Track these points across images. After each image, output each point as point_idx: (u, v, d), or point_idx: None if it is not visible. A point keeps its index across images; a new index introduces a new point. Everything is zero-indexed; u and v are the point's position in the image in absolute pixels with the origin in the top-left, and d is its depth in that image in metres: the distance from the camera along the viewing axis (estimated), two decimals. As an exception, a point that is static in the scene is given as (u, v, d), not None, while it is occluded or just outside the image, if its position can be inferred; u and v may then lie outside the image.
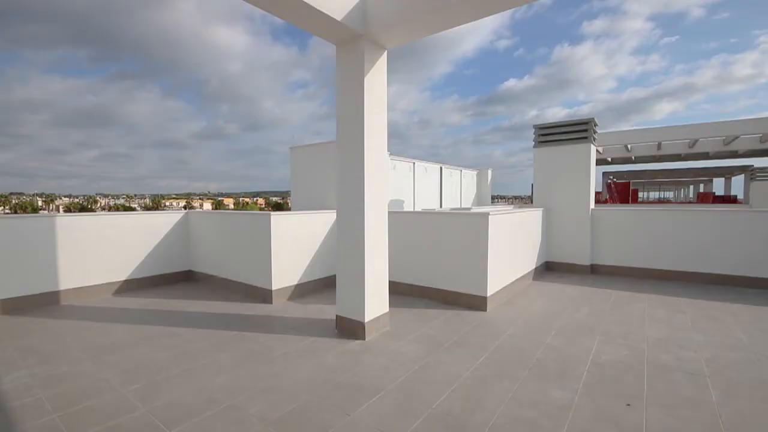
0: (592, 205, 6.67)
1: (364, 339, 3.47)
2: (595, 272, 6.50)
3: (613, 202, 18.89)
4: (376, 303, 3.62)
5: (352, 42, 3.37)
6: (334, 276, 3.86)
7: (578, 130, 6.55)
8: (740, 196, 20.26)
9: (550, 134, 6.82)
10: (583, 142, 6.51)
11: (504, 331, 3.70)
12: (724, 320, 3.97)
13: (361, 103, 3.35)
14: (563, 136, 6.68)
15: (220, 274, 5.59)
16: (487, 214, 4.32)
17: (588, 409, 2.33)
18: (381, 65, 3.52)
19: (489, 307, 4.36)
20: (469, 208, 7.02)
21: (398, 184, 7.83)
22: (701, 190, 29.24)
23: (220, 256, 5.59)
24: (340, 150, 3.58)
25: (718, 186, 27.15)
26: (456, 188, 10.14)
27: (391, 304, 4.00)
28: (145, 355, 3.19)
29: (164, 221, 5.88)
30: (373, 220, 3.51)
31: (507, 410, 2.32)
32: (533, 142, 7.04)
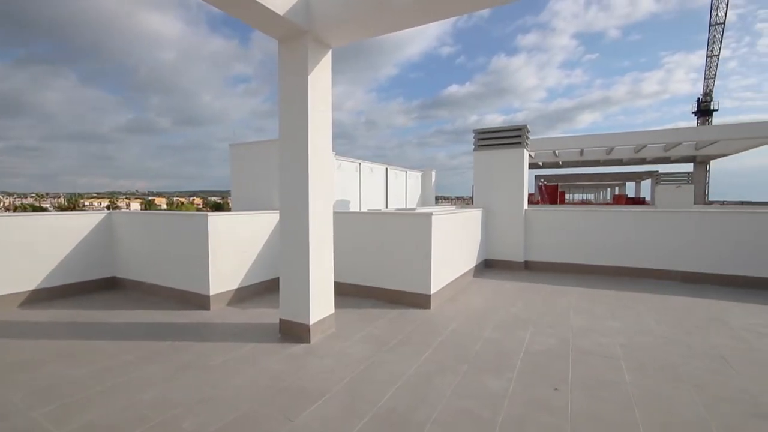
0: (526, 205, 7.15)
1: (309, 342, 3.40)
2: (529, 268, 6.98)
3: (544, 203, 20.45)
4: (321, 305, 3.56)
5: (296, 38, 3.29)
6: (278, 279, 3.73)
7: (513, 136, 7.00)
8: (648, 198, 22.97)
9: (488, 139, 7.21)
10: (517, 147, 6.97)
11: (446, 327, 3.84)
12: (636, 309, 4.47)
13: (305, 102, 3.28)
14: (500, 141, 7.10)
15: (150, 280, 5.15)
16: (430, 215, 4.45)
17: (521, 395, 2.50)
18: (326, 64, 3.48)
19: (433, 304, 4.50)
20: (414, 209, 7.19)
21: (344, 184, 7.79)
22: (617, 192, 32.73)
23: (150, 260, 5.15)
24: (284, 149, 3.47)
25: (630, 189, 30.57)
26: (401, 189, 10.33)
27: (336, 306, 3.97)
28: (60, 373, 2.84)
29: (82, 223, 5.28)
30: (317, 220, 3.46)
31: (449, 403, 2.41)
32: (473, 146, 7.39)
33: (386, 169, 9.41)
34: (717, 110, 51.61)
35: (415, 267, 4.55)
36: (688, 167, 18.59)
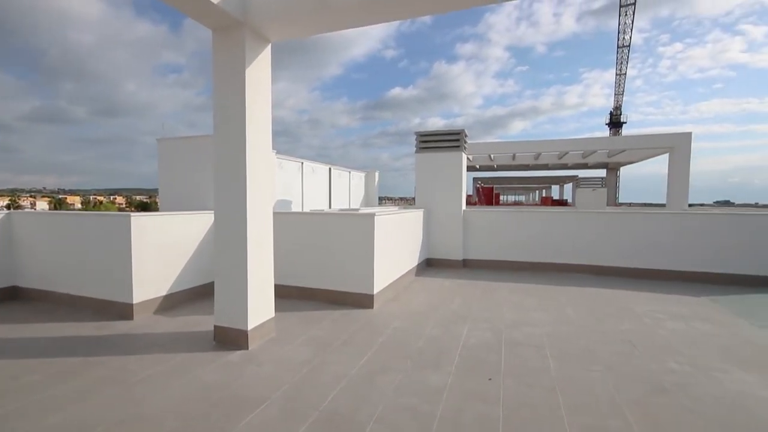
0: (464, 206, 7.51)
1: (247, 348, 3.25)
2: (467, 266, 7.33)
3: (481, 204, 21.62)
4: (260, 309, 3.42)
5: (232, 30, 3.13)
6: (212, 283, 3.52)
7: (452, 140, 7.31)
8: (570, 200, 25.32)
9: (428, 141, 7.45)
10: (456, 150, 7.29)
11: (389, 326, 3.89)
12: (559, 300, 4.89)
13: (242, 97, 3.13)
14: (440, 144, 7.37)
15: (61, 289, 4.57)
16: (373, 215, 4.48)
17: (459, 388, 2.61)
18: (265, 58, 3.35)
19: (376, 304, 4.54)
20: (357, 209, 7.19)
21: (286, 184, 7.57)
22: (544, 194, 35.63)
23: (61, 267, 4.57)
24: (219, 146, 3.28)
25: (555, 192, 33.43)
26: (345, 189, 10.29)
27: (277, 309, 3.84)
28: (-63, 402, 2.41)
29: (-29, 225, 4.54)
30: (256, 221, 3.32)
31: (391, 401, 2.44)
32: (415, 148, 7.59)
33: (329, 169, 9.31)
34: (626, 122, 58.69)
35: (358, 267, 4.55)
36: (602, 173, 20.81)
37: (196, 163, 5.89)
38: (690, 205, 11.78)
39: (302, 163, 8.14)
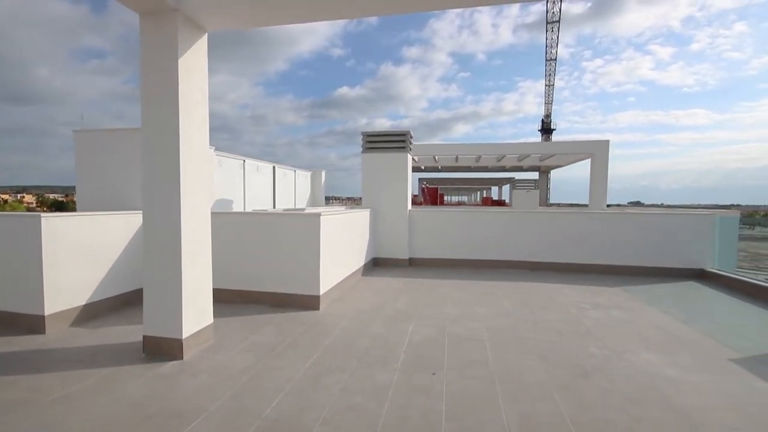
0: (410, 206, 7.67)
1: (182, 358, 3.03)
2: (413, 265, 7.49)
3: (426, 204, 22.23)
4: (196, 315, 3.22)
5: (163, 15, 2.90)
6: (141, 290, 3.24)
7: (398, 140, 7.43)
8: (508, 201, 26.92)
9: (375, 142, 7.51)
10: (401, 151, 7.42)
11: (336, 327, 3.86)
12: (497, 295, 5.18)
13: (175, 88, 2.92)
14: (386, 144, 7.46)
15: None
16: (318, 215, 4.42)
17: (404, 384, 2.67)
18: (201, 48, 3.15)
19: (322, 305, 4.47)
20: (303, 209, 7.05)
21: (226, 182, 7.19)
22: (485, 195, 37.56)
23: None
24: (148, 140, 3.03)
25: (495, 192, 35.38)
26: (290, 189, 10.02)
27: (217, 314, 3.63)
28: None
29: None
30: (192, 221, 3.11)
31: (337, 402, 2.42)
32: (362, 148, 7.60)
33: (273, 167, 9.02)
34: (555, 129, 63.86)
35: (304, 268, 4.46)
36: (535, 175, 22.44)
37: (124, 158, 5.37)
38: (608, 206, 13.12)
39: (244, 161, 7.78)
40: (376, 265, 7.44)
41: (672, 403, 2.46)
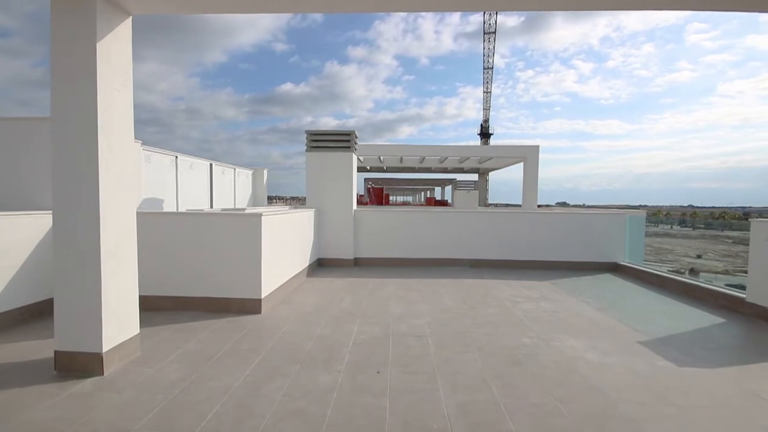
0: (355, 206, 7.66)
1: (103, 374, 2.74)
2: (358, 265, 7.50)
3: (372, 204, 22.37)
4: (120, 326, 2.93)
5: (78, -7, 2.60)
6: (51, 300, 2.88)
7: (343, 140, 7.39)
8: (450, 201, 27.99)
9: (319, 141, 7.39)
10: (346, 150, 7.39)
11: (279, 330, 3.74)
12: (439, 292, 5.37)
13: (93, 75, 2.63)
14: (331, 144, 7.38)
15: None
16: (260, 215, 4.25)
17: (349, 385, 2.66)
18: (124, 32, 2.88)
19: (264, 308, 4.31)
20: (243, 209, 6.73)
21: (156, 180, 6.65)
22: (428, 195, 38.70)
23: None
24: (59, 131, 2.70)
25: (438, 193, 36.60)
26: (229, 188, 9.52)
27: (145, 324, 3.34)
28: None
29: None
30: (113, 222, 2.83)
31: (279, 409, 2.35)
32: (305, 147, 7.44)
33: (211, 165, 8.51)
34: (492, 134, 67.64)
35: (244, 271, 4.26)
36: (475, 177, 23.62)
37: (28, 151, 4.72)
38: (539, 206, 14.19)
39: (176, 157, 7.25)
40: (321, 265, 7.34)
41: (591, 383, 2.72)
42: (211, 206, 8.49)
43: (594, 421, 2.28)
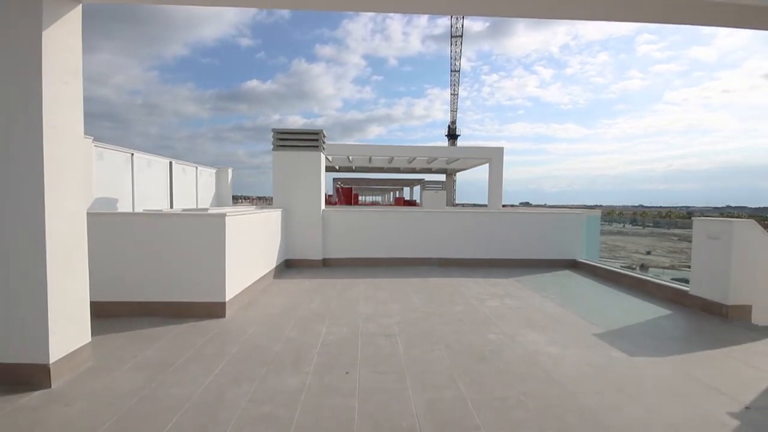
0: (323, 206, 7.59)
1: (50, 386, 2.55)
2: (327, 265, 7.42)
3: (341, 204, 22.23)
4: (69, 334, 2.73)
5: (20, -24, 2.41)
6: (-9, 308, 2.64)
7: (311, 139, 7.29)
8: (418, 201, 28.33)
9: (286, 139, 7.25)
10: (314, 150, 7.30)
11: (244, 333, 3.63)
12: (407, 291, 5.42)
13: (38, 65, 2.44)
14: (298, 143, 7.26)
15: None
16: (224, 215, 4.10)
17: (317, 387, 2.63)
18: (72, 21, 2.69)
19: (229, 312, 4.17)
20: (206, 209, 6.48)
21: (109, 179, 6.27)
22: (397, 195, 38.97)
23: None
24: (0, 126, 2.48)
25: (407, 193, 36.91)
26: (191, 187, 9.15)
27: (100, 331, 3.14)
28: None
29: None
30: (59, 222, 2.63)
31: (245, 414, 2.28)
32: (272, 145, 7.28)
33: (170, 163, 8.14)
34: (460, 135, 69.23)
35: (207, 274, 4.10)
36: (443, 177, 24.04)
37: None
38: (504, 206, 14.67)
39: (132, 154, 6.87)
40: (288, 266, 7.20)
41: (552, 376, 2.85)
42: (171, 206, 8.12)
43: (554, 412, 2.38)
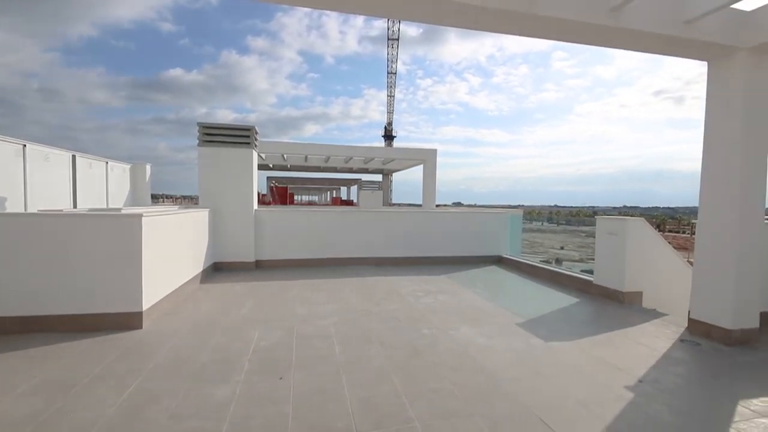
0: (256, 206, 7.25)
1: None
2: (260, 267, 7.10)
3: (276, 204, 21.44)
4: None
5: None
6: None
7: (242, 135, 6.91)
8: (356, 201, 28.36)
9: (214, 135, 6.79)
10: (246, 146, 6.94)
11: (165, 344, 3.33)
12: (344, 291, 5.39)
13: None
14: (228, 139, 6.84)
15: None
16: (140, 216, 3.72)
17: (248, 395, 2.50)
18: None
19: (147, 322, 3.79)
20: (119, 209, 5.83)
21: (-7, 173, 5.36)
22: (334, 195, 38.61)
23: None
24: None
25: (344, 192, 36.78)
26: (101, 184, 8.17)
27: (-26, 354, 2.66)
28: None
29: None
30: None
31: (164, 431, 2.09)
32: (197, 140, 6.78)
33: (73, 156, 7.19)
34: (396, 136, 70.55)
35: (120, 281, 3.69)
36: (379, 177, 24.35)
37: None
38: (437, 205, 15.28)
39: (25, 145, 5.94)
40: (217, 270, 6.76)
41: (480, 365, 3.04)
42: (75, 206, 7.17)
43: (482, 398, 2.54)
